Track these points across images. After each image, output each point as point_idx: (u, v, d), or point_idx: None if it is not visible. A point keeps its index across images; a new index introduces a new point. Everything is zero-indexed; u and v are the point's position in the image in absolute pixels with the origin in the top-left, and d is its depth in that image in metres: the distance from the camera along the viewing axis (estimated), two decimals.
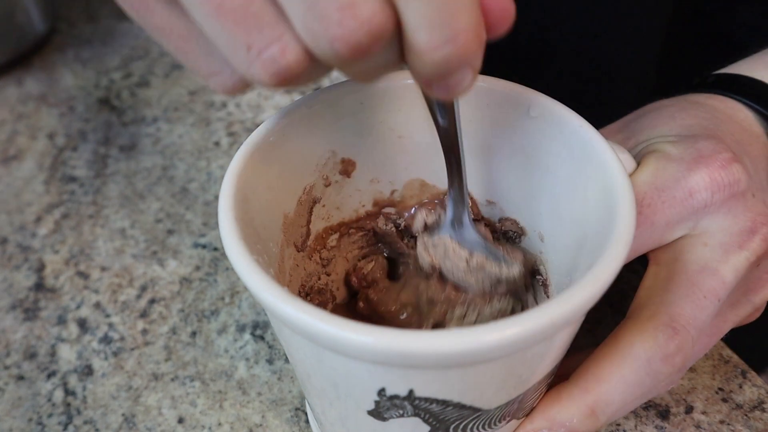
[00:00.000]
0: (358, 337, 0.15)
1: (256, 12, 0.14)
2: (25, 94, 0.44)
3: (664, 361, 0.21)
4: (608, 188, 0.18)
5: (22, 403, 0.27)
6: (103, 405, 0.27)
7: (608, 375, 0.21)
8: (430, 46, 0.14)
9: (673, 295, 0.21)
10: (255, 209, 0.19)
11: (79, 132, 0.41)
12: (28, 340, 0.30)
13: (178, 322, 0.30)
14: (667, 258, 0.22)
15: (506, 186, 0.24)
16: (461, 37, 0.14)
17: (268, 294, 0.16)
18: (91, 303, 0.31)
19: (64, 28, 0.50)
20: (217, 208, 0.20)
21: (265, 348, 0.29)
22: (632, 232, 0.17)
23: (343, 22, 0.14)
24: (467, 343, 0.15)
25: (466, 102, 0.22)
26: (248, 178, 0.19)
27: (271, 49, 0.15)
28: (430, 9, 0.14)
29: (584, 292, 0.16)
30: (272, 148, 0.21)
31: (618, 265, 0.16)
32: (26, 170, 0.38)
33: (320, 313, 0.15)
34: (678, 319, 0.21)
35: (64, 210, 0.36)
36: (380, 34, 0.14)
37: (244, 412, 0.26)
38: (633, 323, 0.21)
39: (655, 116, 0.25)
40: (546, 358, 0.18)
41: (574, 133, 0.20)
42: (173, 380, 0.28)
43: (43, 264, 0.33)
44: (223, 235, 0.18)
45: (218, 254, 0.33)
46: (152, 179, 0.37)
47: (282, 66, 0.15)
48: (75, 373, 0.28)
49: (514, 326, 0.15)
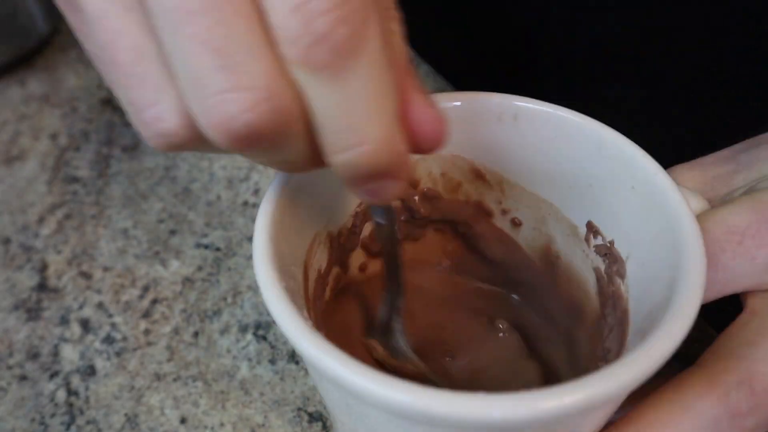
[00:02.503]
0: (381, 390, 0.14)
1: (141, 72, 0.14)
2: (27, 94, 0.44)
3: (731, 422, 0.17)
4: (677, 256, 0.17)
5: (24, 403, 0.27)
6: (106, 405, 0.27)
7: (664, 426, 0.18)
8: (333, 149, 0.14)
9: (760, 352, 0.18)
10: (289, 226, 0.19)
11: (82, 132, 0.41)
12: (30, 340, 0.30)
13: (180, 322, 0.30)
14: (765, 309, 0.19)
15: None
16: (368, 146, 0.13)
17: (302, 339, 0.15)
18: (94, 303, 0.31)
19: (67, 28, 0.49)
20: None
21: (267, 348, 0.29)
22: (699, 299, 0.16)
23: (217, 109, 0.13)
24: (500, 411, 0.14)
25: (533, 131, 0.21)
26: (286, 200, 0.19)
27: (146, 112, 0.14)
28: (335, 110, 0.13)
29: (632, 369, 0.14)
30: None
31: (679, 335, 0.15)
32: (29, 171, 0.38)
33: (356, 365, 0.14)
34: (760, 378, 0.18)
35: (67, 210, 0.36)
36: (263, 128, 0.13)
37: (246, 413, 0.26)
38: (703, 372, 0.18)
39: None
40: (586, 428, 0.17)
41: (647, 180, 0.19)
42: (176, 380, 0.28)
43: (46, 264, 0.33)
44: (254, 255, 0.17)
45: (220, 254, 0.33)
46: (155, 179, 0.37)
47: (157, 132, 0.14)
48: (77, 373, 0.28)
49: (553, 397, 0.14)
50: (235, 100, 0.13)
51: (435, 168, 0.24)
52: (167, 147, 0.14)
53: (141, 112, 0.14)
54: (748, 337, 0.19)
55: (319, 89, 0.13)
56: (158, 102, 0.14)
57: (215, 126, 0.13)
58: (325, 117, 0.13)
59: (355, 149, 0.13)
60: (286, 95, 0.13)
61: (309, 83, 0.13)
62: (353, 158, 0.14)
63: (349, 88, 0.13)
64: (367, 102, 0.13)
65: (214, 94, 0.13)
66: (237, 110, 0.13)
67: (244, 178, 0.37)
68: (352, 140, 0.13)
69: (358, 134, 0.13)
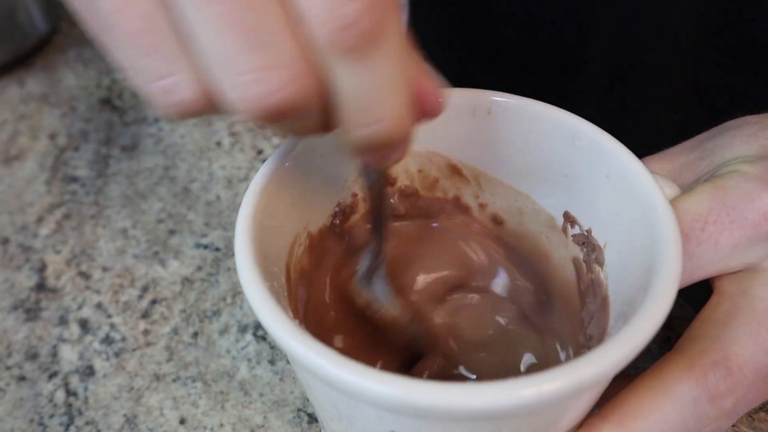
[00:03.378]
0: (368, 384, 0.14)
1: (152, 41, 0.14)
2: (26, 94, 0.44)
3: (711, 403, 0.18)
4: (654, 241, 0.17)
5: (23, 403, 0.27)
6: (105, 406, 0.27)
7: (647, 411, 0.18)
8: (353, 125, 0.15)
9: (733, 332, 0.19)
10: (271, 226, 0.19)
11: (81, 132, 0.41)
12: (29, 340, 0.30)
13: (179, 322, 0.30)
14: (733, 290, 0.20)
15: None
16: (386, 122, 0.14)
17: (290, 338, 0.15)
18: (93, 303, 0.31)
19: (66, 27, 0.49)
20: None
21: (266, 348, 0.29)
22: (676, 282, 0.16)
23: (247, 88, 0.13)
24: (482, 401, 0.14)
25: (507, 125, 0.22)
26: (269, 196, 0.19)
27: (161, 82, 0.14)
28: (358, 90, 0.14)
29: (614, 353, 0.14)
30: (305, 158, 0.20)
31: (659, 317, 0.15)
32: (28, 170, 0.38)
33: (327, 351, 0.15)
34: (734, 358, 0.18)
35: (66, 210, 0.35)
36: (291, 106, 0.14)
37: (245, 413, 0.26)
38: (681, 357, 0.19)
39: (733, 135, 0.22)
40: (568, 416, 0.17)
41: (621, 168, 0.19)
42: (175, 381, 0.28)
43: (45, 264, 0.33)
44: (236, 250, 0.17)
45: (220, 254, 0.33)
46: (154, 179, 0.37)
47: (172, 101, 0.14)
48: (76, 373, 0.28)
49: (534, 385, 0.14)
50: (267, 79, 0.13)
51: (412, 165, 0.24)
52: (179, 115, 0.15)
53: (153, 81, 0.14)
54: (720, 320, 0.19)
55: (344, 70, 0.14)
56: (172, 73, 0.14)
57: (245, 103, 0.14)
58: (348, 95, 0.14)
59: (374, 125, 0.14)
60: (311, 74, 0.14)
61: (335, 64, 0.14)
62: (372, 133, 0.15)
63: (372, 70, 0.14)
64: (387, 82, 0.14)
65: (244, 73, 0.13)
66: (267, 89, 0.13)
67: (243, 177, 0.37)
68: (372, 117, 0.14)
69: (378, 112, 0.14)
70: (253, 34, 0.13)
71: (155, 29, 0.14)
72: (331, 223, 0.23)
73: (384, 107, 0.14)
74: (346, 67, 0.14)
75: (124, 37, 0.14)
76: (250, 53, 0.13)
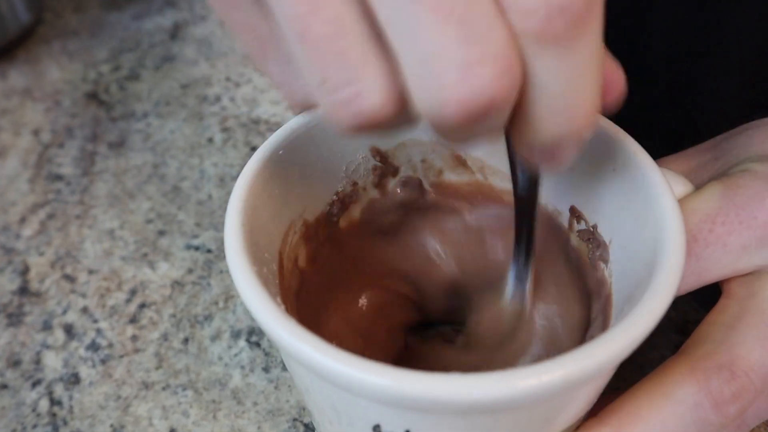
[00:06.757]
0: (351, 371, 0.14)
1: (343, 46, 0.13)
2: (8, 88, 0.43)
3: (715, 409, 0.17)
4: (657, 235, 0.17)
5: (5, 413, 0.27)
6: (91, 415, 0.26)
7: (646, 415, 0.18)
8: (550, 122, 0.13)
9: (739, 335, 0.18)
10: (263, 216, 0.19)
11: (66, 128, 0.40)
12: (11, 346, 0.29)
13: (169, 327, 0.29)
14: (742, 292, 0.19)
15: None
16: (583, 119, 0.13)
17: (275, 324, 0.15)
18: (78, 308, 0.30)
19: (50, 18, 0.48)
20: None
21: (261, 355, 0.28)
22: (678, 275, 0.16)
23: (462, 84, 0.12)
24: (468, 393, 0.14)
25: None
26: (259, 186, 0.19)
27: (345, 90, 0.13)
28: (561, 82, 0.13)
29: (613, 345, 0.14)
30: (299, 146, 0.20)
31: (658, 313, 0.15)
32: (10, 168, 0.37)
33: (314, 339, 0.15)
34: (739, 362, 0.18)
35: (50, 210, 0.35)
36: (501, 101, 0.13)
37: (239, 423, 0.26)
38: (684, 360, 0.18)
39: (750, 135, 0.22)
40: (566, 411, 0.17)
41: (628, 160, 0.19)
42: (164, 389, 0.27)
43: (28, 267, 0.32)
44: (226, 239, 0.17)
45: (212, 256, 0.32)
46: (142, 177, 0.36)
47: (355, 111, 0.13)
48: (61, 381, 0.27)
49: (527, 378, 0.14)
50: (483, 73, 0.12)
51: (415, 155, 0.24)
52: (359, 128, 0.14)
53: (337, 90, 0.13)
54: (726, 322, 0.19)
55: (548, 61, 0.13)
56: (360, 79, 0.13)
57: (458, 101, 0.13)
58: (547, 89, 0.13)
59: (571, 122, 0.13)
60: (520, 66, 0.13)
61: (539, 55, 0.13)
62: (568, 130, 0.14)
63: (576, 61, 0.13)
64: (587, 75, 0.13)
65: (457, 68, 0.12)
66: (481, 84, 0.12)
67: (236, 176, 0.36)
68: (572, 114, 0.13)
69: (581, 105, 0.13)
70: (468, 23, 0.12)
71: (344, 32, 0.13)
72: (328, 211, 0.23)
73: (587, 100, 0.13)
74: (550, 57, 0.13)
75: (310, 45, 0.13)
76: (464, 45, 0.12)
